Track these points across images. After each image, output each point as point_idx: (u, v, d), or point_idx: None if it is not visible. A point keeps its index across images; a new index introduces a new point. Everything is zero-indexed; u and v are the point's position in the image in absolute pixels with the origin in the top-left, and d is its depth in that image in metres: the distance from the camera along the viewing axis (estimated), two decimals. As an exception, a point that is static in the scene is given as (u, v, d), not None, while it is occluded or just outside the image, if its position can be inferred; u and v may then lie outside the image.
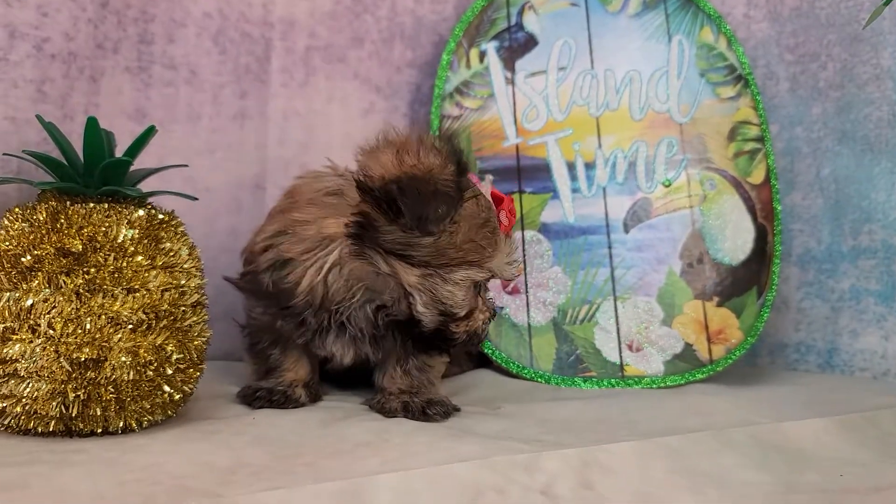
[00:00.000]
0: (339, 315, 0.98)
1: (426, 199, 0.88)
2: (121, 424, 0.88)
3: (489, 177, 1.45)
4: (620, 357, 1.33)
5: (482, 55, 1.46)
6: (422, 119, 1.53)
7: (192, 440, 0.87)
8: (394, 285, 0.95)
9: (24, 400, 0.84)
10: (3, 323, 0.84)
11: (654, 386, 1.30)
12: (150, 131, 0.96)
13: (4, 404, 0.85)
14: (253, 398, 1.04)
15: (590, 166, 1.41)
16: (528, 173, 1.42)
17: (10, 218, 0.89)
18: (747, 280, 1.38)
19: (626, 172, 1.41)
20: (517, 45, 1.46)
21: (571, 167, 1.41)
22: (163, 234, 0.92)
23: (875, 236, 1.43)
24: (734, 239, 1.39)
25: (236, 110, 1.34)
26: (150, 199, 0.96)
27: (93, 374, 0.84)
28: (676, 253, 1.38)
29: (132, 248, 0.88)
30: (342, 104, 1.45)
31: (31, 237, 0.86)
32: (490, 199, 1.00)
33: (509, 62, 1.45)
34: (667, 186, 1.41)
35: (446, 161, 0.93)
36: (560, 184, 1.41)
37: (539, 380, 1.30)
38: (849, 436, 0.96)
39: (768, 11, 1.56)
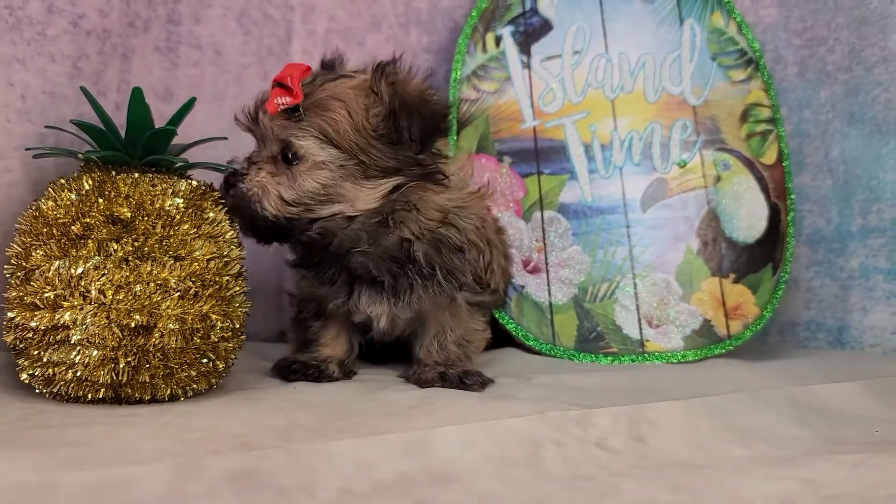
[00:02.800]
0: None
1: None
2: (167, 392, 0.88)
3: (507, 158, 1.48)
4: (641, 333, 1.35)
5: (498, 40, 1.47)
6: (437, 104, 1.54)
7: (241, 406, 0.88)
8: None
9: (75, 367, 0.84)
10: (54, 290, 0.84)
11: (675, 361, 1.32)
12: (190, 104, 0.96)
13: (54, 371, 0.85)
14: (289, 371, 1.05)
15: (606, 148, 1.43)
16: (546, 155, 1.44)
17: (55, 188, 0.90)
18: (762, 258, 1.40)
19: (642, 153, 1.43)
20: (532, 30, 1.48)
21: (588, 148, 1.43)
22: (205, 204, 0.93)
23: (884, 215, 1.46)
24: (748, 218, 1.42)
25: (259, 91, 1.34)
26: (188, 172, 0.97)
27: (142, 340, 0.85)
28: (693, 231, 1.40)
29: (178, 217, 0.89)
30: (361, 88, 1.46)
31: (80, 206, 0.86)
32: None
33: (525, 46, 1.47)
34: (682, 167, 1.43)
35: None
36: (577, 165, 1.43)
37: (562, 356, 1.32)
38: (876, 397, 0.99)
39: (776, -4, 1.59)
